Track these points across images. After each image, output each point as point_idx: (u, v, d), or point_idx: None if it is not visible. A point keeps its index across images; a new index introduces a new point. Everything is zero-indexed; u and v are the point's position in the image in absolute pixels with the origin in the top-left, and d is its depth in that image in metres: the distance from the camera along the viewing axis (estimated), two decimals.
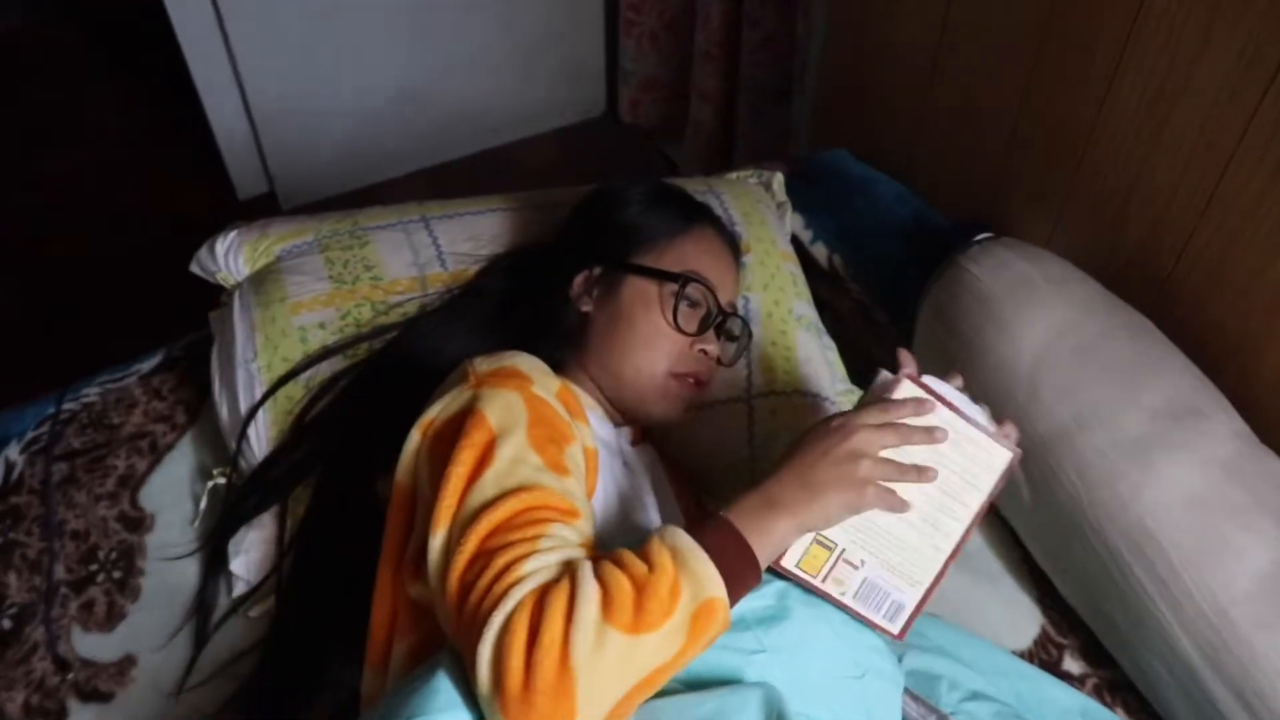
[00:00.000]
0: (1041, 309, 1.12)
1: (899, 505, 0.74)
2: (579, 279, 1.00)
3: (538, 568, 0.66)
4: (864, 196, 1.49)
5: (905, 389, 0.77)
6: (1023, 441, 0.83)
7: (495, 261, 1.16)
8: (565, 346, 0.99)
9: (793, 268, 1.30)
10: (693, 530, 0.69)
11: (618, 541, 0.71)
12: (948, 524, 0.78)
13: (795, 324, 1.23)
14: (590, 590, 0.64)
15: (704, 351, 0.98)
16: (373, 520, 0.88)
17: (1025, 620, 1.13)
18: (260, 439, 1.08)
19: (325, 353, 1.10)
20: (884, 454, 0.74)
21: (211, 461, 1.16)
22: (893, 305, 1.39)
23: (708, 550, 0.67)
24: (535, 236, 1.19)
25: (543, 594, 0.64)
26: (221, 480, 1.12)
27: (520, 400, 0.77)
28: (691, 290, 0.97)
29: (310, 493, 1.04)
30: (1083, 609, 1.10)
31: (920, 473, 0.74)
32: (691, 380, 0.97)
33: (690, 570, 0.66)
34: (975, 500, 0.78)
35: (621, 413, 0.99)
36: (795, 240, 1.44)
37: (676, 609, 0.65)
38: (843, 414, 0.75)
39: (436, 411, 0.80)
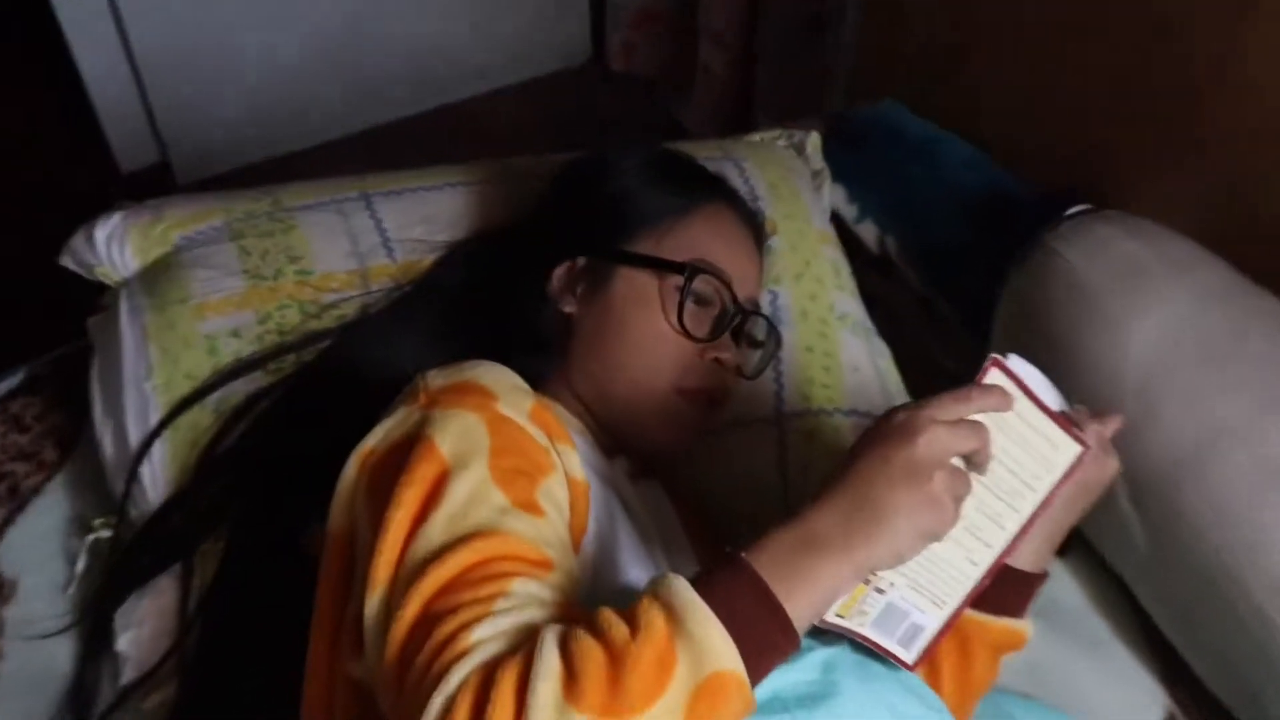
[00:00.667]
0: (1156, 301, 1.12)
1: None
2: (559, 272, 1.01)
3: (488, 636, 0.65)
4: (923, 161, 1.49)
5: (993, 376, 0.76)
6: (1135, 471, 0.83)
7: (454, 250, 1.16)
8: (543, 357, 0.99)
9: (833, 253, 1.30)
10: (701, 579, 0.66)
11: (613, 605, 0.68)
12: (990, 533, 0.77)
13: (837, 324, 1.24)
14: (549, 664, 0.61)
15: (718, 361, 0.98)
16: (303, 581, 0.87)
17: (1145, 702, 1.12)
18: (156, 480, 1.08)
19: (241, 367, 1.10)
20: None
21: (91, 510, 1.15)
22: (962, 299, 1.40)
23: (717, 606, 0.64)
24: (504, 218, 1.19)
25: (490, 670, 0.62)
26: (105, 534, 1.11)
27: (480, 423, 0.78)
28: (701, 284, 0.97)
29: (222, 548, 1.04)
30: (1220, 686, 1.10)
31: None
32: (704, 398, 0.98)
33: (689, 634, 0.63)
34: (1028, 505, 0.78)
35: (617, 441, 0.99)
36: (836, 218, 1.44)
37: (669, 686, 0.61)
38: (905, 407, 0.72)
39: (378, 439, 0.80)
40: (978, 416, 0.73)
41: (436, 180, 1.26)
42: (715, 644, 0.63)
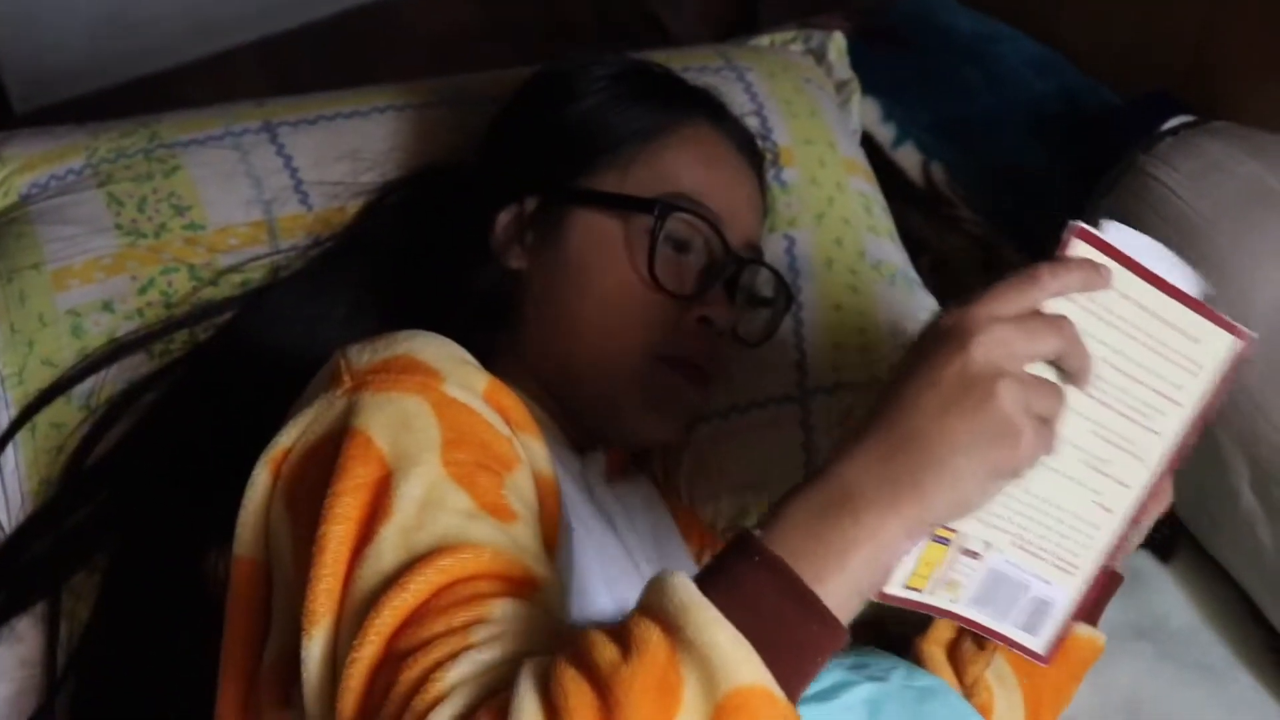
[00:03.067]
0: None
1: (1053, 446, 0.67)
2: (503, 218, 1.01)
3: (466, 676, 0.64)
4: (979, 65, 1.49)
5: (1076, 248, 0.70)
6: (1261, 453, 0.82)
7: (382, 196, 1.16)
8: (491, 324, 0.99)
9: (865, 186, 1.31)
10: (705, 573, 0.64)
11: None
12: (1124, 466, 0.72)
13: (872, 274, 1.25)
14: (528, 706, 0.60)
15: (706, 321, 0.98)
16: (204, 619, 0.88)
17: None
18: (11, 495, 1.07)
19: (117, 351, 1.10)
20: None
21: None
22: (1031, 240, 1.39)
23: (728, 603, 0.61)
24: (449, 153, 1.20)
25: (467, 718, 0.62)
26: None
27: (424, 407, 0.77)
28: (677, 225, 0.97)
29: (98, 581, 1.04)
30: None
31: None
32: (689, 370, 0.98)
33: (693, 645, 0.60)
34: (1173, 423, 0.72)
35: (588, 432, 0.99)
36: (869, 142, 1.44)
37: (678, 712, 0.59)
38: (958, 308, 0.67)
39: (293, 436, 0.79)
40: (1061, 306, 0.68)
41: (361, 104, 1.25)
42: (729, 654, 0.60)
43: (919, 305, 1.26)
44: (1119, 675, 1.12)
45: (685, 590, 0.61)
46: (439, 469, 0.74)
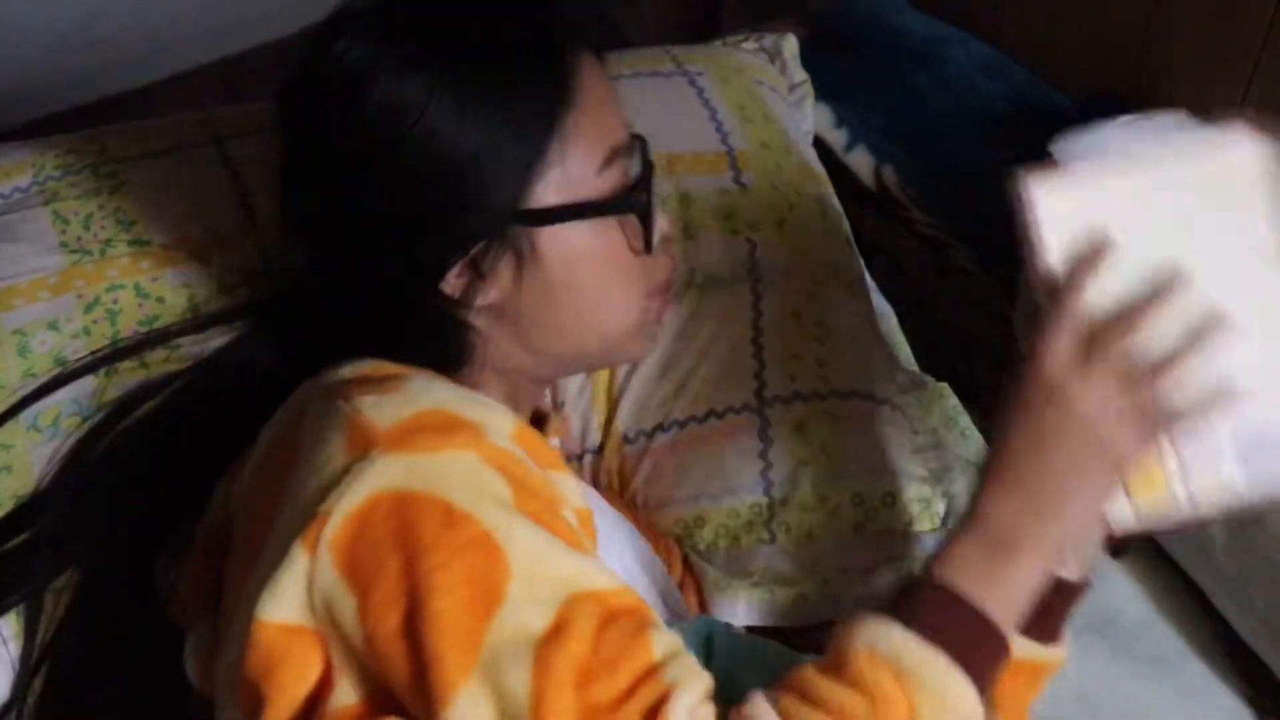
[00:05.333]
0: None
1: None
2: (453, 280, 0.90)
3: (689, 710, 0.71)
4: (928, 68, 1.49)
5: (1037, 196, 0.79)
6: None
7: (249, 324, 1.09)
8: (449, 357, 0.94)
9: (820, 190, 1.30)
10: (911, 617, 0.74)
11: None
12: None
13: (829, 282, 1.24)
14: None
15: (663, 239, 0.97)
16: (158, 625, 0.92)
17: None
18: None
19: (63, 377, 1.08)
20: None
21: None
22: (984, 241, 1.40)
23: (943, 644, 0.73)
24: None
25: None
26: None
27: (481, 462, 0.78)
28: (628, 191, 0.92)
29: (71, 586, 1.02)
30: None
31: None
32: (666, 288, 0.99)
33: (930, 691, 0.72)
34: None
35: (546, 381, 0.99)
36: (821, 145, 1.44)
37: None
38: (1037, 367, 0.78)
39: (340, 512, 0.76)
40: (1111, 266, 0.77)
41: None
42: (961, 697, 0.72)
43: (873, 312, 1.26)
44: (1071, 670, 1.10)
45: (908, 643, 0.73)
46: (524, 519, 0.76)
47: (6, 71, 2.11)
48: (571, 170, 0.89)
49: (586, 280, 0.93)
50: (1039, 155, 1.31)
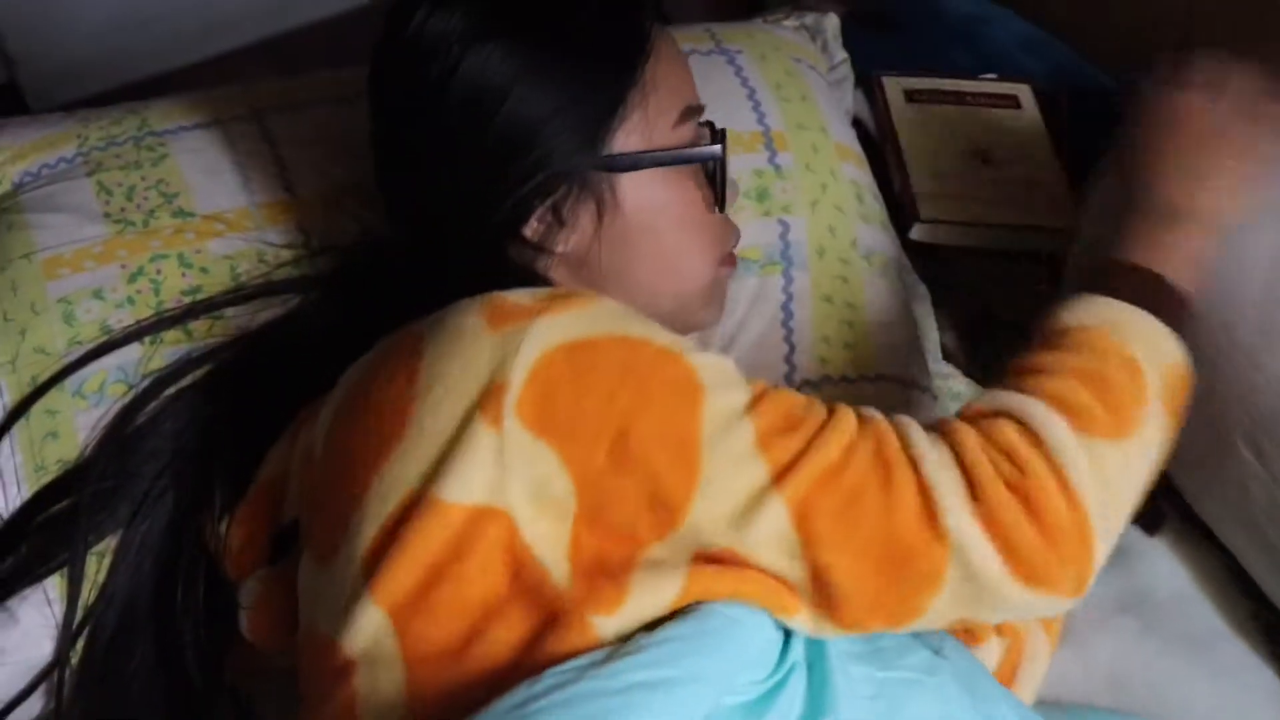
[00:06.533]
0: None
1: None
2: (535, 220, 0.94)
3: (918, 429, 0.82)
4: (969, 46, 1.48)
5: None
6: (1255, 405, 0.99)
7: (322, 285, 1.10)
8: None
9: (856, 172, 1.28)
10: (1099, 285, 0.87)
11: None
12: None
13: (863, 264, 1.23)
14: (1039, 412, 0.80)
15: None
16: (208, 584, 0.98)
17: (1267, 706, 1.12)
18: (6, 479, 1.07)
19: (109, 344, 1.09)
20: None
21: None
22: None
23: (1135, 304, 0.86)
24: None
25: (979, 436, 0.80)
26: None
27: (628, 308, 0.85)
28: (707, 146, 0.98)
29: (107, 564, 1.03)
30: None
31: None
32: (733, 258, 1.04)
33: (1149, 344, 0.84)
34: None
35: None
36: (860, 126, 1.42)
37: (1147, 396, 0.82)
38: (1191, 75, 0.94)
39: (515, 380, 0.78)
40: None
41: (348, 90, 1.19)
42: (1164, 341, 0.85)
43: (909, 296, 1.25)
44: (1102, 650, 1.11)
45: (1117, 305, 0.85)
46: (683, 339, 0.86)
47: (59, 50, 2.14)
48: (651, 119, 0.94)
49: (664, 231, 0.97)
50: (1082, 137, 1.31)
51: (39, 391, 1.08)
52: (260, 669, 1.03)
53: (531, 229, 0.94)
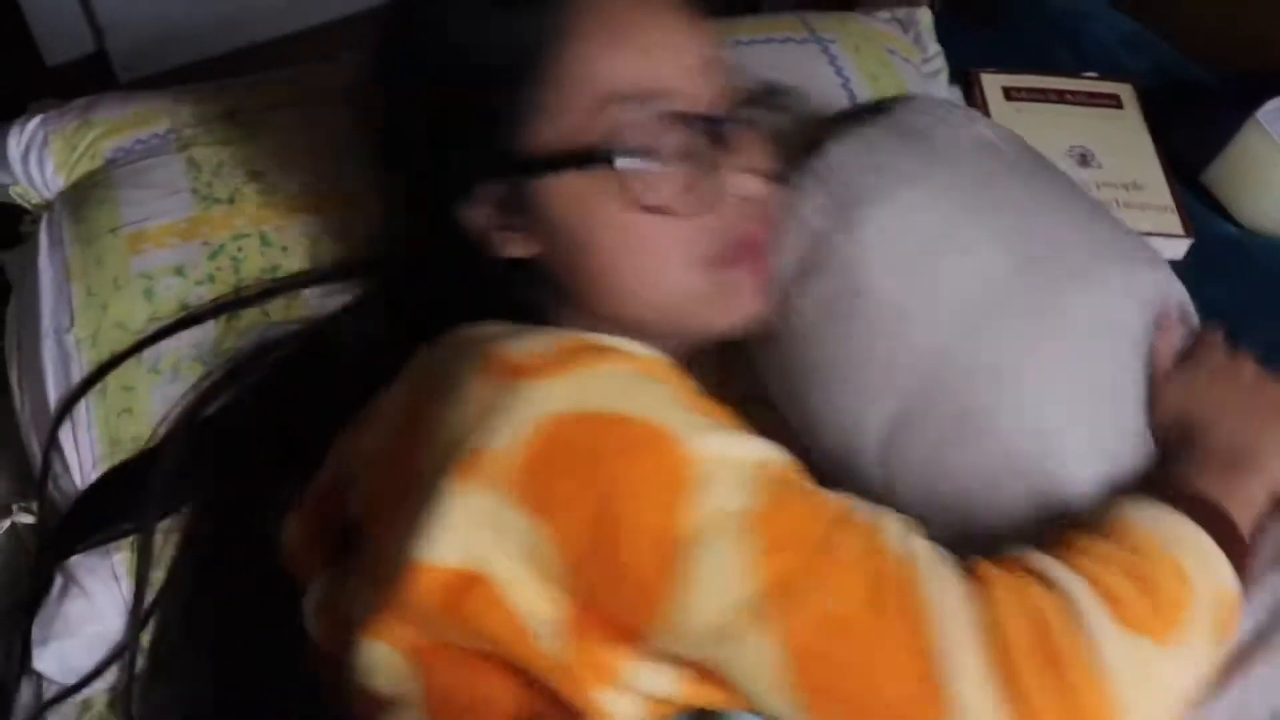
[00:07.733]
0: None
1: None
2: (468, 215, 0.90)
3: (936, 566, 0.76)
4: (1068, 42, 1.48)
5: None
6: None
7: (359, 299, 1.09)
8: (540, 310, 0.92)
9: None
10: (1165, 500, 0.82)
11: None
12: None
13: None
14: (1078, 589, 0.75)
15: (727, 193, 0.88)
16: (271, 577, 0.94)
17: None
18: (82, 453, 1.08)
19: (187, 320, 1.09)
20: None
21: (7, 488, 1.16)
22: None
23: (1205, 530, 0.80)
24: None
25: (1019, 599, 0.74)
26: (26, 518, 1.12)
27: (636, 373, 0.79)
28: (638, 141, 0.84)
29: (178, 541, 1.03)
30: None
31: None
32: (740, 251, 0.89)
33: (1203, 562, 0.79)
34: None
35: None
36: None
37: (1194, 610, 0.77)
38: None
39: (500, 447, 0.75)
40: None
41: None
42: (1222, 567, 0.79)
43: None
44: None
45: (1178, 521, 0.80)
46: (689, 412, 0.80)
47: (146, 22, 2.14)
48: (565, 116, 0.85)
49: (601, 243, 0.87)
50: (1185, 137, 1.30)
51: (110, 364, 1.08)
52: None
53: (494, 242, 0.90)
